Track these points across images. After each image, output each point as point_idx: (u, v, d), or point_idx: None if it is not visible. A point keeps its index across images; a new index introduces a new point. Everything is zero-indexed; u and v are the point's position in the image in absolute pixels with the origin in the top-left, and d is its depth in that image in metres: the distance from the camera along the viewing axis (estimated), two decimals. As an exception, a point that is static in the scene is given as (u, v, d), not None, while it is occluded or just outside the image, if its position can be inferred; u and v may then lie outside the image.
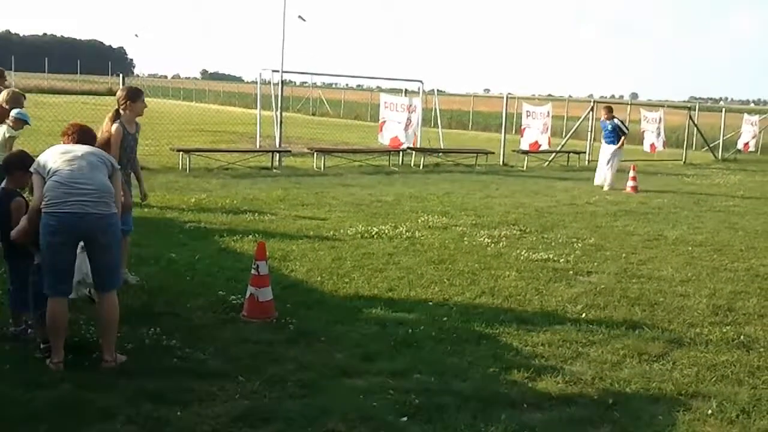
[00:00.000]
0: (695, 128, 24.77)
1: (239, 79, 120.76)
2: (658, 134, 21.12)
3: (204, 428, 3.71)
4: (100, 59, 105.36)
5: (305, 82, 50.86)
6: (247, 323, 5.29)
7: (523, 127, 18.75)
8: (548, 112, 18.42)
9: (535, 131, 18.28)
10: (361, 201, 11.13)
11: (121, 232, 4.77)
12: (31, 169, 4.44)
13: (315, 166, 15.56)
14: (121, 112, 5.93)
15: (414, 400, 4.10)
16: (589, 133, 19.78)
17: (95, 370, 4.32)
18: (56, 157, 4.41)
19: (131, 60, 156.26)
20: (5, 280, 4.96)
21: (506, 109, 19.69)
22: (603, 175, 14.66)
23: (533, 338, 5.21)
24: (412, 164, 17.14)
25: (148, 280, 6.16)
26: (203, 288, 6.06)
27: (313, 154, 16.24)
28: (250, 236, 8.05)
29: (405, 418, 3.89)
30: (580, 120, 19.79)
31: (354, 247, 7.82)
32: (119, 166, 4.79)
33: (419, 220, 9.57)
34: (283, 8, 17.83)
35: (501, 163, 18.25)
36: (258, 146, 17.10)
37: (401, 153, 17.21)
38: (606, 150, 14.73)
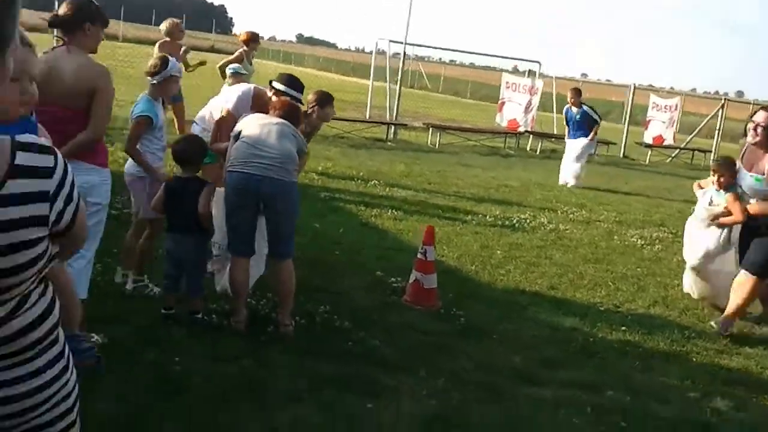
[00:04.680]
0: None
1: (333, 46, 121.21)
2: None
3: (401, 427, 3.43)
4: (201, 15, 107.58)
5: (398, 53, 50.22)
6: (410, 309, 5.01)
7: (648, 120, 17.74)
8: (676, 105, 17.38)
9: (660, 125, 17.28)
10: (487, 184, 10.69)
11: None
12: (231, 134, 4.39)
13: (429, 142, 15.16)
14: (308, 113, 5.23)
15: (620, 422, 3.70)
16: (717, 131, 18.56)
17: (270, 346, 4.12)
18: (253, 122, 4.37)
19: (231, 18, 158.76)
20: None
21: (632, 100, 18.65)
22: (569, 172, 11.85)
23: (726, 362, 4.71)
24: (528, 148, 16.51)
25: (301, 251, 5.93)
26: (356, 266, 5.81)
27: (428, 129, 15.85)
28: (389, 212, 7.77)
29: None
30: (709, 117, 18.61)
31: (498, 234, 7.42)
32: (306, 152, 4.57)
33: (558, 212, 9.06)
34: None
35: (621, 155, 17.38)
36: (368, 116, 16.83)
37: (517, 136, 16.60)
38: (575, 145, 11.89)
